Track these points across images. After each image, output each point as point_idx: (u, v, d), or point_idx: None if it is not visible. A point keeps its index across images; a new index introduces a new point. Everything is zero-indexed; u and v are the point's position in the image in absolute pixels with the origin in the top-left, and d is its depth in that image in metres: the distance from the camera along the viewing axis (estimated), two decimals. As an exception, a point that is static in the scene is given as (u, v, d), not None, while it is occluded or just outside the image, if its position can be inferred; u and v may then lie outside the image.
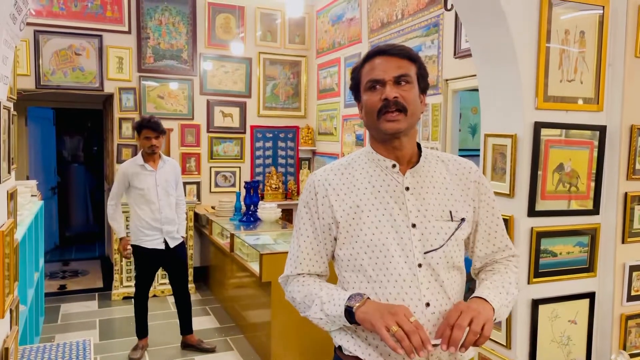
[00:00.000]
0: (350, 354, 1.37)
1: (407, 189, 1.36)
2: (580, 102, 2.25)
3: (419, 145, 1.44)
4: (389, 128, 1.32)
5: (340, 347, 1.41)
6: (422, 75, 1.38)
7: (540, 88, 2.15)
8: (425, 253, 1.32)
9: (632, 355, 2.34)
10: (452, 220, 1.36)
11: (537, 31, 2.14)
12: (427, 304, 1.30)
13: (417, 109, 1.36)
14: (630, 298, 2.37)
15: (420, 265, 1.32)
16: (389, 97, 1.30)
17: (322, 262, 1.43)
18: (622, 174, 2.30)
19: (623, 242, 2.33)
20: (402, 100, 1.30)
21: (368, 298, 1.28)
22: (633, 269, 2.36)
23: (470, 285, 1.73)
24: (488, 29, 2.19)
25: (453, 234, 1.35)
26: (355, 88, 1.42)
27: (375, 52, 1.37)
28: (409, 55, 1.36)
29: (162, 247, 3.83)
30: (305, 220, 1.43)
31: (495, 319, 1.28)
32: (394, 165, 1.37)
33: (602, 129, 2.28)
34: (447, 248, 1.34)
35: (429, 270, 1.32)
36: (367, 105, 1.36)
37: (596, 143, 2.27)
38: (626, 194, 2.31)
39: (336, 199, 1.38)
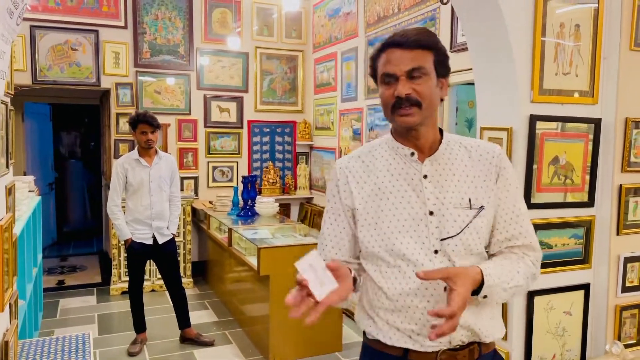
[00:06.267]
0: (372, 338, 1.39)
1: (425, 177, 1.36)
2: (576, 95, 2.26)
3: (442, 132, 1.42)
4: (403, 122, 1.32)
5: (364, 332, 1.44)
6: (441, 61, 1.34)
7: (535, 81, 2.16)
8: (442, 240, 1.32)
9: (626, 346, 2.36)
10: (471, 207, 1.34)
11: (532, 25, 2.15)
12: (445, 288, 1.30)
13: (434, 99, 1.33)
14: (625, 289, 2.39)
15: (436, 252, 1.32)
16: (401, 95, 1.29)
17: (345, 249, 1.42)
18: (617, 166, 2.32)
19: (618, 233, 2.35)
20: (415, 96, 1.29)
21: None
22: (627, 260, 2.38)
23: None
24: (484, 22, 2.20)
25: (471, 221, 1.33)
26: (374, 75, 1.41)
27: (389, 44, 1.33)
28: (424, 45, 1.31)
29: (150, 242, 3.85)
30: (329, 207, 1.45)
31: (484, 296, 1.28)
32: (412, 154, 1.37)
33: (597, 122, 2.29)
34: (464, 236, 1.32)
35: (445, 257, 1.32)
36: (382, 98, 1.35)
37: (591, 136, 2.29)
38: (621, 186, 2.33)
39: (355, 185, 1.40)
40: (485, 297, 1.28)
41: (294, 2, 5.37)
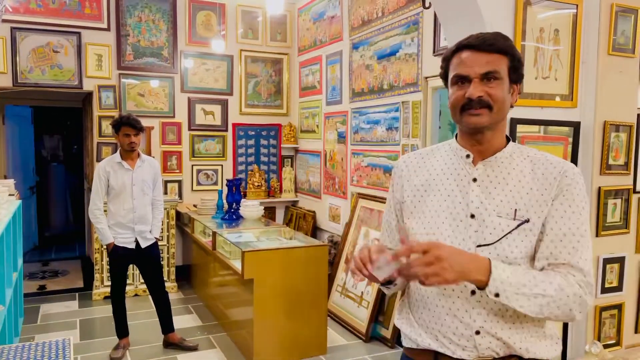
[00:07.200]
0: (407, 346, 1.43)
1: (475, 180, 1.34)
2: (557, 99, 2.29)
3: (509, 141, 1.39)
4: (471, 122, 1.30)
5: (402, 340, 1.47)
6: (515, 67, 1.32)
7: (516, 85, 2.19)
8: (477, 246, 1.30)
9: (605, 346, 2.39)
10: (514, 218, 1.29)
11: (512, 29, 2.18)
12: (473, 292, 1.29)
13: (505, 104, 1.31)
14: (604, 290, 2.43)
15: None
16: (472, 97, 1.27)
17: (393, 238, 1.50)
18: (596, 169, 2.36)
19: (597, 235, 2.39)
20: (487, 98, 1.28)
21: None
22: (607, 261, 2.42)
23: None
24: (465, 26, 2.23)
25: (510, 232, 1.28)
26: (445, 77, 1.40)
27: (464, 46, 1.32)
28: (500, 49, 1.30)
29: (133, 246, 3.81)
30: (388, 200, 1.53)
31: (495, 294, 1.20)
32: (467, 156, 1.37)
33: (576, 125, 2.33)
34: (501, 246, 1.28)
35: None
36: (451, 100, 1.34)
37: (571, 139, 2.32)
38: (600, 188, 2.36)
39: (408, 179, 1.44)
40: (497, 295, 1.20)
41: (277, 5, 5.37)
